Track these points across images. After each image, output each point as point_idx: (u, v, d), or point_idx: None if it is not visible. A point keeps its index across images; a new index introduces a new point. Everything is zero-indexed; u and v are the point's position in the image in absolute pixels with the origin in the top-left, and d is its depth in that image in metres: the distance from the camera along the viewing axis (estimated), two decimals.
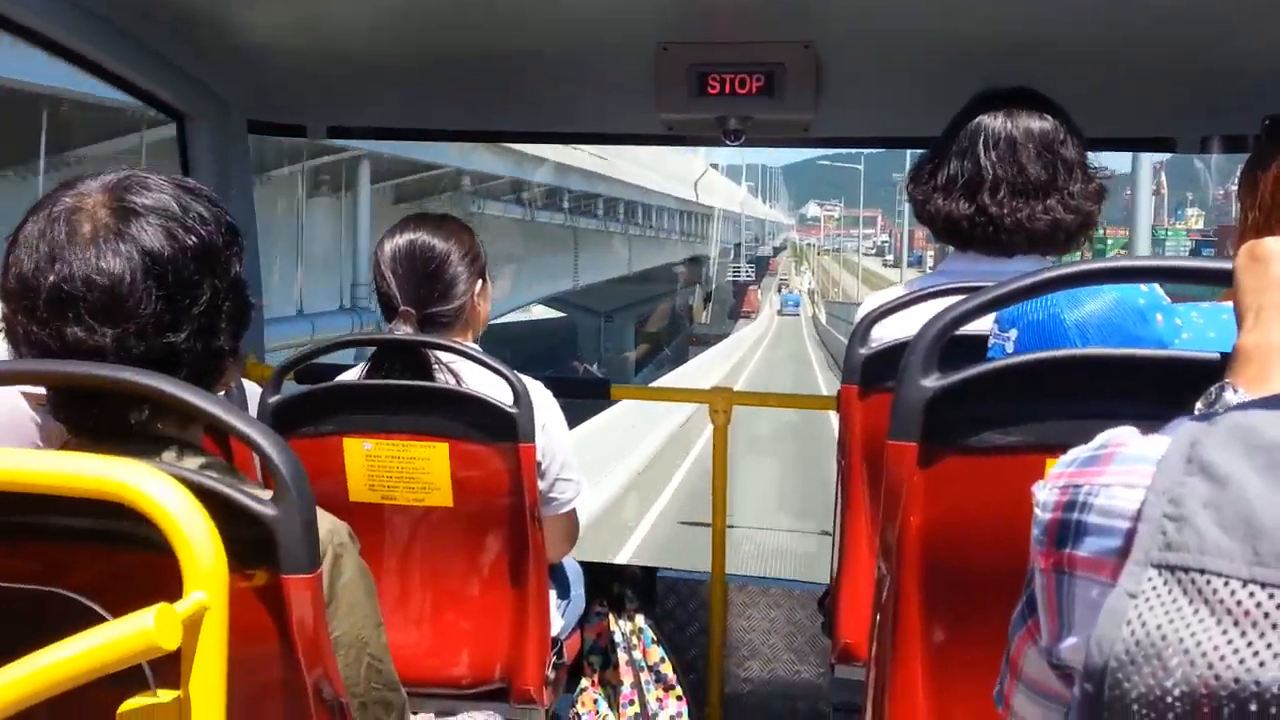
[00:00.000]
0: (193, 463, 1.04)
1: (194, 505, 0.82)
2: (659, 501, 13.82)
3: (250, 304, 1.13)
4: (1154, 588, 0.54)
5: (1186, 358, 1.02)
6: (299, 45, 2.53)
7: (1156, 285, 1.16)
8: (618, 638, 2.44)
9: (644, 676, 2.42)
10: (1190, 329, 1.12)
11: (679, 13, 2.23)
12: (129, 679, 0.83)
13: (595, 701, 2.43)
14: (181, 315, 1.02)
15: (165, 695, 0.81)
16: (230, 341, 1.10)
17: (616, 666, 2.42)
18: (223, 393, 1.74)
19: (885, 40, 2.32)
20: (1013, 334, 1.20)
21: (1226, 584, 0.51)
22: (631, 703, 2.39)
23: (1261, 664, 0.48)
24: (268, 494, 0.93)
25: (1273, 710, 0.47)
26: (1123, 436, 0.67)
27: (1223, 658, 0.49)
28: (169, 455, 1.04)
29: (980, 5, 2.10)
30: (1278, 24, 2.02)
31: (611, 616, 2.47)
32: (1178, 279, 1.04)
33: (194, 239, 1.03)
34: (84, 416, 1.04)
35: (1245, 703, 0.48)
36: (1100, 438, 0.69)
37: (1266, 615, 0.49)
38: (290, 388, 1.93)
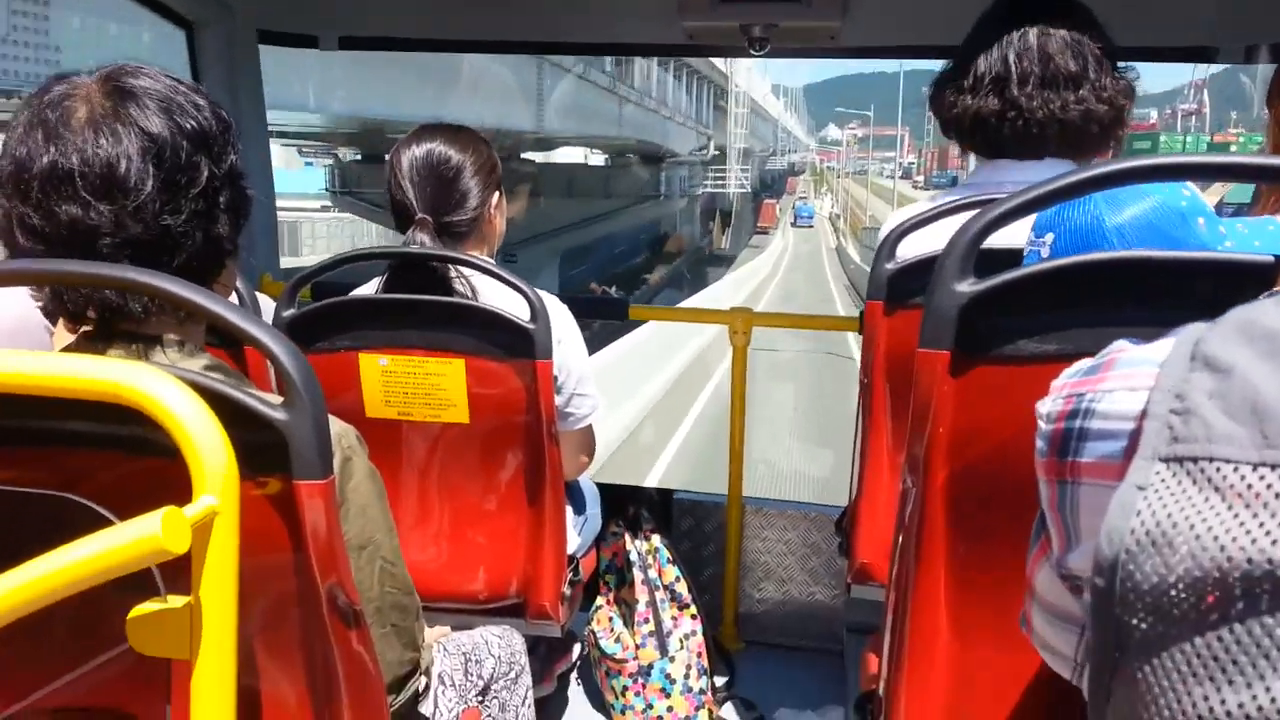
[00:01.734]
0: (195, 363, 1.03)
1: (203, 409, 0.79)
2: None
3: (248, 196, 1.11)
4: (1162, 480, 0.54)
5: (1233, 260, 0.97)
6: None
7: (1199, 192, 1.10)
8: (633, 557, 2.45)
9: (659, 595, 2.43)
10: (1234, 238, 1.08)
11: None
12: (141, 585, 0.82)
13: (610, 619, 2.44)
14: (179, 197, 1.01)
15: (175, 601, 0.79)
16: (229, 231, 1.09)
17: (632, 585, 2.43)
18: (236, 302, 1.73)
19: None
20: (1049, 239, 1.15)
21: (1236, 469, 0.50)
22: (646, 620, 2.40)
23: (1274, 542, 0.47)
24: (278, 399, 0.91)
25: None
26: (1123, 344, 0.67)
27: (1235, 539, 0.49)
28: (171, 354, 1.03)
29: None
30: None
31: (628, 536, 2.47)
32: (1231, 176, 0.98)
33: (191, 122, 1.02)
34: (81, 309, 1.03)
35: (1257, 582, 0.48)
36: (1105, 350, 0.69)
37: (1278, 496, 0.48)
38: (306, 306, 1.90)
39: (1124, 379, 0.62)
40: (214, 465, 0.79)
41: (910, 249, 1.69)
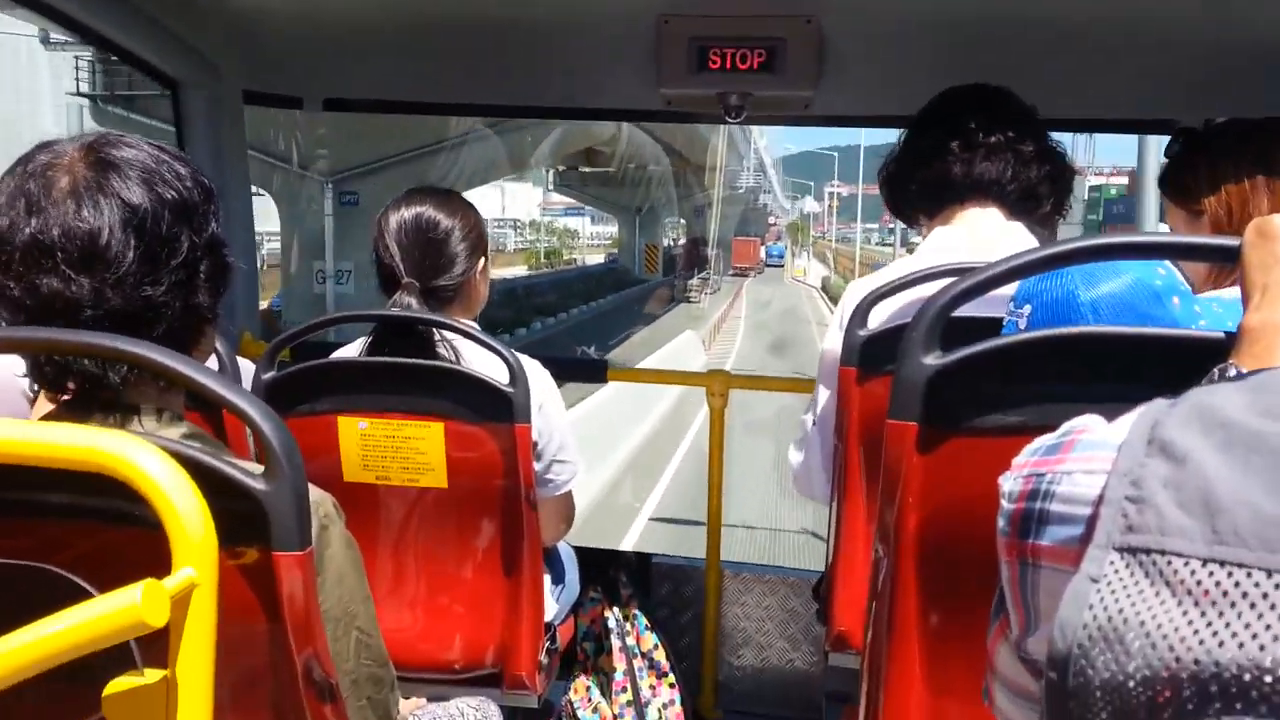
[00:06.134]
0: (174, 431, 1.03)
1: (184, 479, 0.80)
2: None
3: (229, 265, 1.12)
4: (1116, 571, 0.53)
5: (1191, 336, 1.01)
6: (296, 12, 2.49)
7: (1175, 270, 1.13)
8: (611, 624, 2.43)
9: (637, 663, 2.41)
10: (1209, 317, 1.09)
11: None
12: (116, 658, 0.81)
13: (588, 688, 2.42)
14: (159, 268, 1.01)
15: (152, 675, 0.79)
16: (209, 299, 1.09)
17: (610, 653, 2.41)
18: (216, 365, 1.73)
19: (887, 16, 2.30)
20: (1026, 310, 1.18)
21: (1186, 564, 0.50)
22: (624, 690, 2.38)
23: (1221, 644, 0.47)
24: (259, 469, 0.91)
25: (1233, 690, 0.46)
26: (1085, 423, 0.66)
27: (1183, 639, 0.48)
28: (149, 422, 1.03)
29: None
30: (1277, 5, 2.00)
31: (605, 603, 2.46)
32: (1183, 255, 1.02)
33: (172, 193, 1.03)
34: (60, 378, 1.03)
35: (1206, 684, 0.47)
36: (1065, 425, 0.68)
37: (1225, 594, 0.48)
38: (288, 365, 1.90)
39: (1083, 461, 0.62)
40: (194, 537, 0.79)
41: (881, 316, 1.73)
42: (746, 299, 56.73)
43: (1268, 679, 0.45)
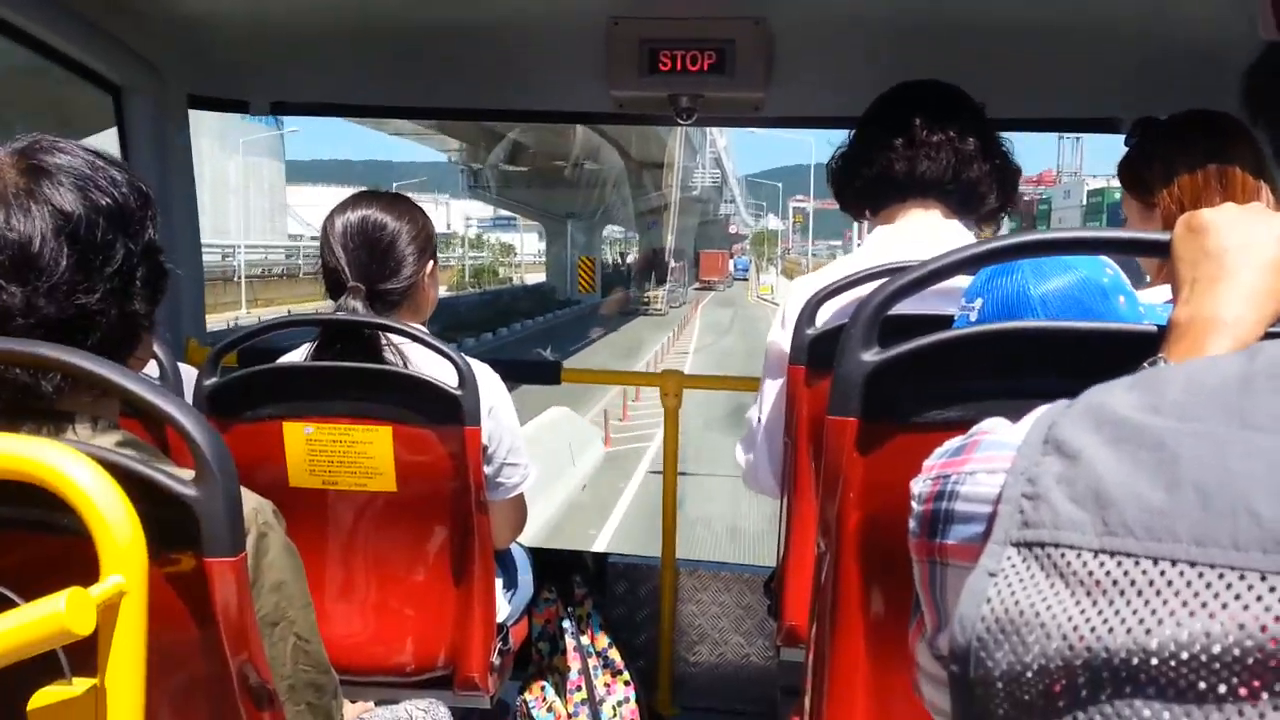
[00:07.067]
0: (108, 439, 1.01)
1: (110, 485, 0.79)
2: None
3: (166, 271, 1.10)
4: (1013, 565, 0.54)
5: (1125, 330, 1.01)
6: (241, 17, 2.46)
7: (1120, 272, 1.16)
8: (566, 624, 2.43)
9: (592, 662, 2.41)
10: (1152, 318, 1.10)
11: None
12: (45, 668, 0.80)
13: (543, 688, 2.42)
14: (94, 276, 1.00)
15: (81, 685, 0.78)
16: (145, 307, 1.08)
17: (564, 653, 2.41)
18: (157, 373, 1.70)
19: (836, 18, 2.32)
20: (978, 304, 1.20)
21: (1079, 555, 0.51)
22: (579, 689, 2.38)
23: (1110, 630, 0.48)
24: (190, 474, 0.90)
25: (1123, 675, 0.47)
26: (990, 425, 0.68)
27: (1076, 628, 0.49)
28: (83, 431, 1.01)
29: None
30: (1220, 5, 2.05)
31: (560, 603, 2.46)
32: (1116, 250, 1.04)
33: (107, 200, 1.01)
34: None
35: (1098, 670, 0.48)
36: (973, 428, 0.70)
37: (1115, 583, 0.49)
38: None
39: (985, 462, 0.64)
40: (121, 543, 0.78)
41: (825, 315, 1.74)
42: (700, 324, 46.17)
43: (1153, 661, 0.46)
